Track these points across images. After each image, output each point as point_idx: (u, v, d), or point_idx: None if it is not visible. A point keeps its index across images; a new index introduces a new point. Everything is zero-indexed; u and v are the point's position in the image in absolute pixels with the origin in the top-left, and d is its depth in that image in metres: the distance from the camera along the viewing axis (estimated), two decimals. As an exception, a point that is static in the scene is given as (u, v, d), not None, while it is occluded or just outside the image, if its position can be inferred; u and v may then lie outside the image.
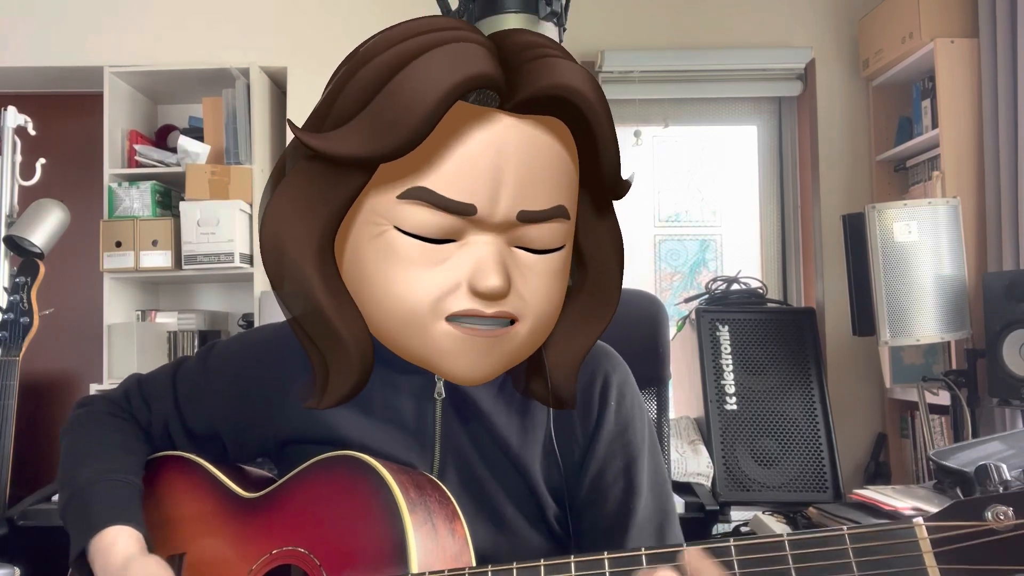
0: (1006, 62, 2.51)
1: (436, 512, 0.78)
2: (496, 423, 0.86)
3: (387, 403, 0.87)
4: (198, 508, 0.92)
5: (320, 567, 0.78)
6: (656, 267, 3.40)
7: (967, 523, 0.56)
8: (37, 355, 2.33)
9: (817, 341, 2.64)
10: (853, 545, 0.59)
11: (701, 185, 3.43)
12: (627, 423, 0.89)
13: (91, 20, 3.11)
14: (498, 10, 1.97)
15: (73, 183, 3.07)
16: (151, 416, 0.97)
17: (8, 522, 2.07)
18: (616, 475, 0.88)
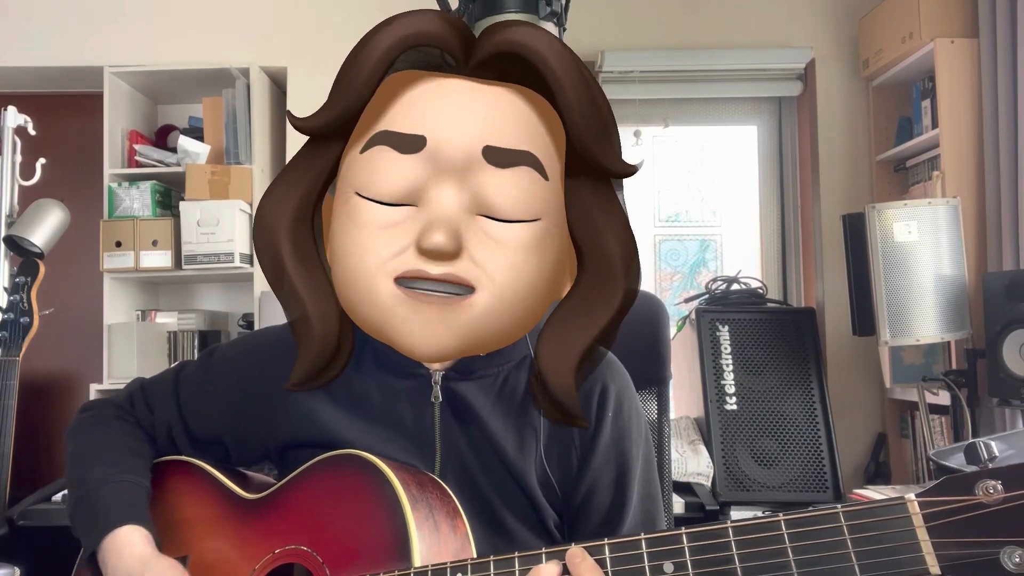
0: (1006, 62, 2.50)
1: (438, 508, 0.78)
2: (493, 429, 0.86)
3: (386, 408, 0.87)
4: (201, 511, 0.92)
5: (323, 565, 0.78)
6: (656, 267, 3.40)
7: (958, 498, 0.57)
8: (37, 355, 2.33)
9: (817, 341, 2.64)
10: (848, 523, 0.60)
11: (701, 185, 3.43)
12: (623, 434, 0.89)
13: (91, 20, 3.11)
14: (498, 10, 1.97)
15: (73, 183, 3.06)
16: (154, 420, 0.97)
17: (8, 522, 2.07)
18: (608, 485, 0.88)
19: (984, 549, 0.55)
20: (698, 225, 3.43)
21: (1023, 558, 0.54)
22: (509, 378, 0.88)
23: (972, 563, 0.56)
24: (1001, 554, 0.55)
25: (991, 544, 0.55)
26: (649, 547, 0.66)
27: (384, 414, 0.87)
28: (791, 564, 0.61)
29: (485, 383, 0.87)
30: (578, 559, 0.67)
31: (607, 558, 0.67)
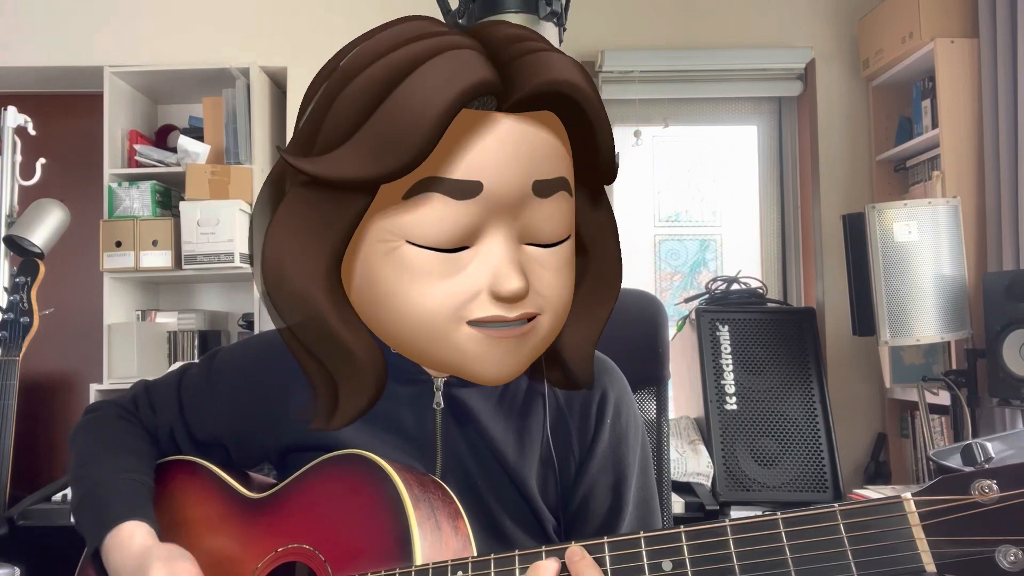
0: (1006, 62, 2.51)
1: (440, 509, 0.78)
2: (493, 434, 0.87)
3: (388, 413, 0.87)
4: (203, 510, 0.92)
5: (325, 563, 0.78)
6: (656, 267, 3.40)
7: (953, 497, 0.58)
8: (37, 355, 2.33)
9: (817, 341, 2.64)
10: (844, 521, 0.60)
11: (701, 185, 3.43)
12: (621, 439, 0.90)
13: (91, 20, 3.11)
14: (498, 10, 1.97)
15: (73, 183, 3.07)
16: (157, 422, 0.98)
17: (8, 522, 2.07)
18: (605, 491, 0.89)
19: (979, 548, 0.56)
20: (698, 225, 3.43)
21: (1018, 556, 0.55)
22: (510, 385, 0.89)
23: (967, 561, 0.56)
24: (996, 553, 0.55)
25: (986, 543, 0.56)
26: (648, 546, 0.66)
27: (385, 419, 0.87)
28: (788, 562, 0.61)
29: (486, 389, 0.88)
30: (577, 557, 0.67)
31: (606, 556, 0.67)
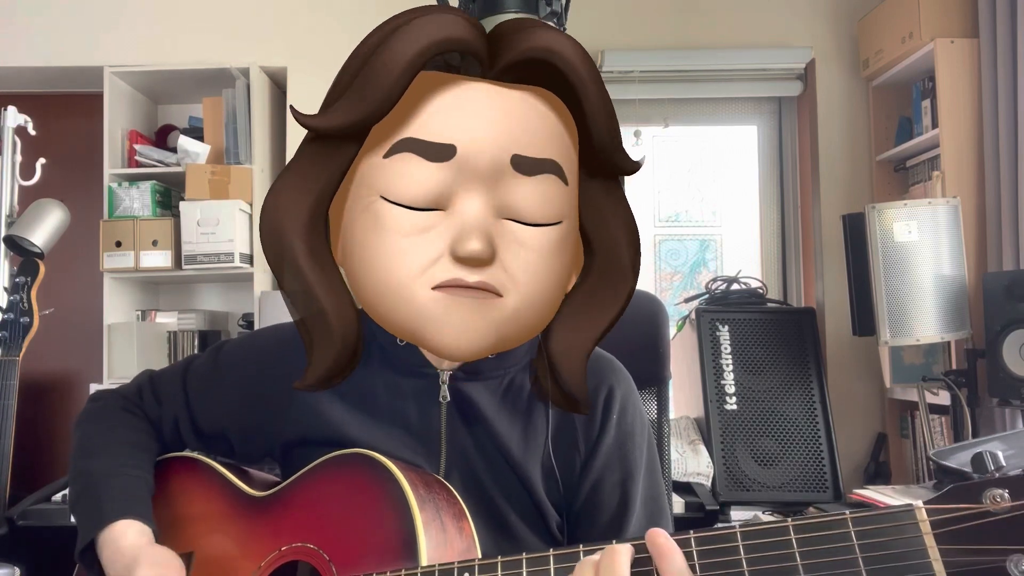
0: (1006, 62, 2.50)
1: (444, 510, 0.78)
2: (499, 430, 0.86)
3: (392, 407, 0.87)
4: (207, 507, 0.92)
5: (330, 563, 0.78)
6: (656, 267, 3.40)
7: (965, 506, 0.58)
8: (37, 355, 2.33)
9: (817, 341, 2.64)
10: (856, 529, 0.60)
11: (701, 185, 3.43)
12: (627, 436, 0.90)
13: (91, 20, 3.11)
14: (498, 10, 1.97)
15: (73, 183, 3.06)
16: (161, 413, 0.97)
17: (8, 522, 2.07)
18: (612, 488, 0.88)
19: (991, 557, 0.56)
20: (698, 225, 3.43)
21: None
22: (515, 379, 0.89)
23: (979, 571, 0.56)
24: (1007, 562, 0.55)
25: (998, 552, 0.55)
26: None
27: (390, 413, 0.87)
28: (799, 569, 0.61)
29: (491, 384, 0.88)
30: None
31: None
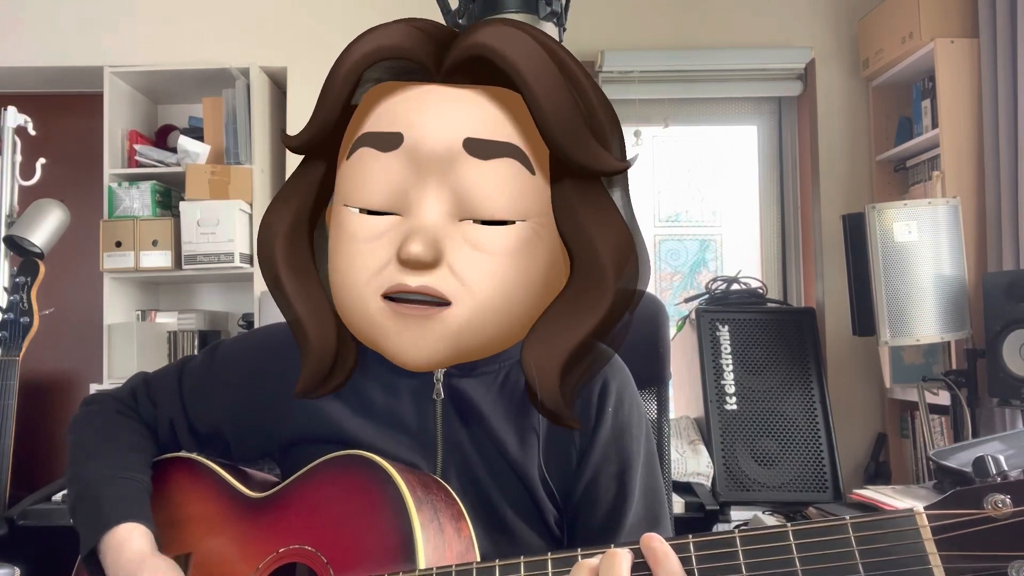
0: (1006, 62, 2.50)
1: (442, 511, 0.78)
2: (494, 426, 0.86)
3: (389, 405, 0.87)
4: (204, 509, 0.92)
5: (327, 565, 0.78)
6: (656, 267, 3.40)
7: (966, 511, 0.57)
8: (37, 355, 2.33)
9: (817, 341, 2.64)
10: (856, 534, 0.59)
11: (701, 185, 3.43)
12: (624, 429, 0.89)
13: (91, 20, 3.11)
14: (498, 10, 1.97)
15: (73, 183, 3.06)
16: (157, 414, 0.97)
17: (8, 522, 2.07)
18: (610, 480, 0.88)
19: (992, 563, 0.55)
20: (698, 225, 3.43)
21: None
22: (510, 374, 0.88)
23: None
24: (1009, 569, 0.55)
25: (999, 559, 0.55)
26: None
27: (387, 411, 0.87)
28: (798, 574, 0.60)
29: (486, 379, 0.88)
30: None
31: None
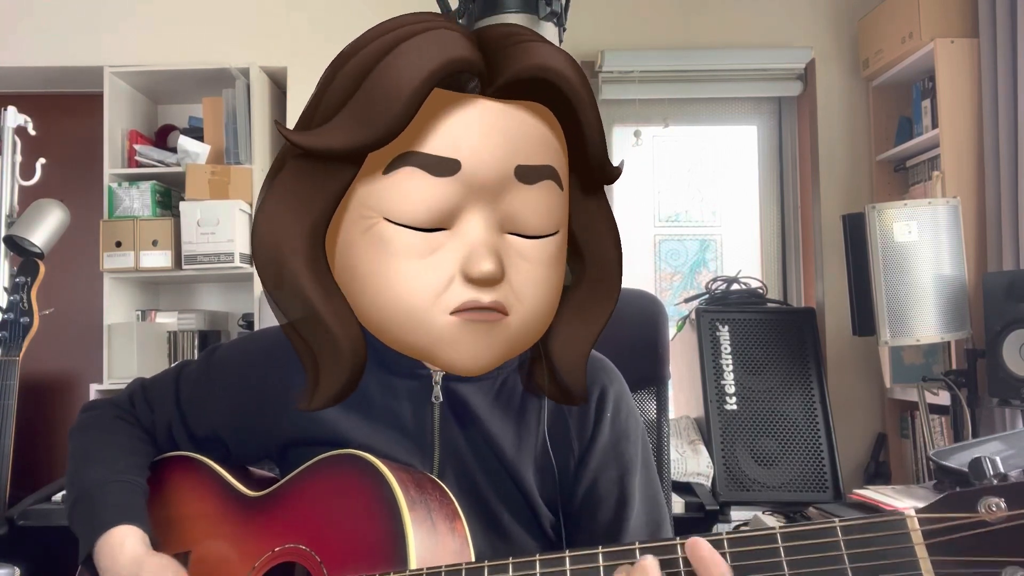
0: (1006, 62, 2.50)
1: (436, 510, 0.78)
2: (491, 429, 0.87)
3: (387, 407, 0.87)
4: (202, 507, 0.93)
5: (321, 564, 0.78)
6: (656, 267, 3.40)
7: (959, 515, 0.56)
8: (37, 355, 2.33)
9: (817, 341, 2.64)
10: (845, 537, 0.59)
11: (701, 185, 3.43)
12: (622, 435, 0.90)
13: (91, 20, 3.11)
14: (498, 10, 1.97)
15: (73, 183, 3.06)
16: (155, 419, 0.98)
17: (8, 522, 2.07)
18: (610, 486, 0.88)
19: (984, 568, 0.54)
20: (698, 225, 3.43)
21: None
22: (508, 380, 0.89)
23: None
24: (1002, 574, 0.54)
25: (992, 563, 0.54)
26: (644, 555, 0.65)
27: (385, 413, 0.87)
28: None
29: (484, 384, 0.88)
30: None
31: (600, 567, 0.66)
